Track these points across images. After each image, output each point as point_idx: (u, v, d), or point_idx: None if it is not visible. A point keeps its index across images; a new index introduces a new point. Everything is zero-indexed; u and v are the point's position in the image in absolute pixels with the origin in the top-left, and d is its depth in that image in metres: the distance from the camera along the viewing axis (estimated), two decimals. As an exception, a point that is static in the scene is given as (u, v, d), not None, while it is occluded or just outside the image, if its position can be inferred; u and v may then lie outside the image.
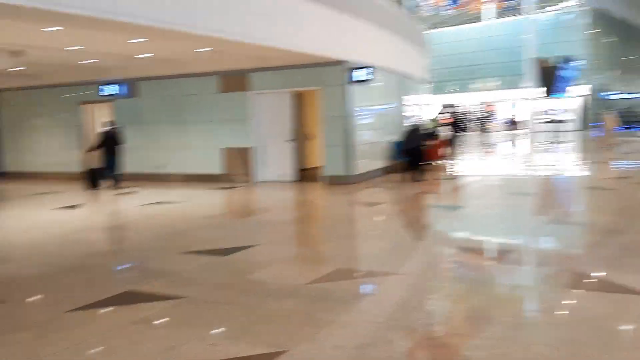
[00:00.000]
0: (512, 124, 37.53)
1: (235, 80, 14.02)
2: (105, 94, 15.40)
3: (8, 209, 11.09)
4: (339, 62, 12.66)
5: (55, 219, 9.44)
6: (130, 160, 15.51)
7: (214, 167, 14.45)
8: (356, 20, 13.02)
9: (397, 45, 16.57)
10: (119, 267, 6.09)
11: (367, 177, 13.59)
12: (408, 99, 18.06)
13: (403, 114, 17.39)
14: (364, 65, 12.99)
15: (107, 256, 6.70)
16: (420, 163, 13.02)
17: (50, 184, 14.79)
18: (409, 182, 12.70)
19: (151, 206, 10.51)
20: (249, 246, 6.75)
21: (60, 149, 16.42)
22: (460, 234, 7.71)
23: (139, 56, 12.72)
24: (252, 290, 5.02)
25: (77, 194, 12.86)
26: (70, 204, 10.88)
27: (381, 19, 14.97)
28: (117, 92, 15.34)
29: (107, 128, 14.17)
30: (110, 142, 13.84)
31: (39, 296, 5.08)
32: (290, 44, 10.86)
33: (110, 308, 4.69)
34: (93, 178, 13.70)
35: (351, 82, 12.91)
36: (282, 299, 4.73)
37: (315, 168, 14.89)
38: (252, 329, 4.08)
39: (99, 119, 16.92)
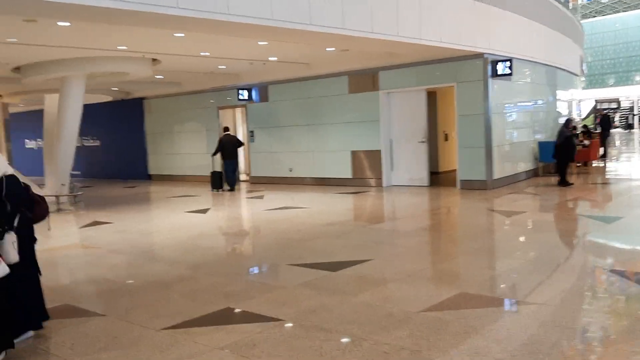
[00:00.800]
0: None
1: (364, 80, 13.46)
2: (241, 98, 15.65)
3: (142, 211, 11.52)
4: (477, 55, 11.57)
5: (183, 223, 9.54)
6: (261, 164, 15.65)
7: (343, 170, 14.02)
8: (498, 9, 11.82)
9: (547, 36, 14.94)
10: (227, 279, 5.76)
11: (508, 182, 12.33)
12: (561, 94, 16.30)
13: (556, 110, 15.70)
14: (506, 57, 11.76)
15: (219, 266, 6.44)
16: (570, 165, 11.45)
17: (188, 187, 15.33)
18: (558, 188, 11.25)
19: (276, 211, 10.28)
20: (364, 260, 6.12)
21: (199, 153, 16.99)
22: (619, 252, 6.43)
23: (270, 59, 12.65)
24: (356, 315, 4.38)
25: (209, 197, 13.11)
26: (200, 208, 11.02)
27: (529, 7, 13.51)
28: (250, 96, 15.52)
29: (225, 133, 14.48)
30: (228, 147, 14.14)
31: (139, 309, 4.86)
32: (421, 38, 10.04)
33: (204, 328, 4.32)
34: (217, 181, 14.16)
35: (491, 76, 11.75)
36: (389, 329, 4.03)
37: (450, 171, 13.87)
38: (346, 368, 3.45)
39: (236, 123, 17.33)
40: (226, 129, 14.75)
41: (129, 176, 19.11)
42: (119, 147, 19.77)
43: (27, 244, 3.86)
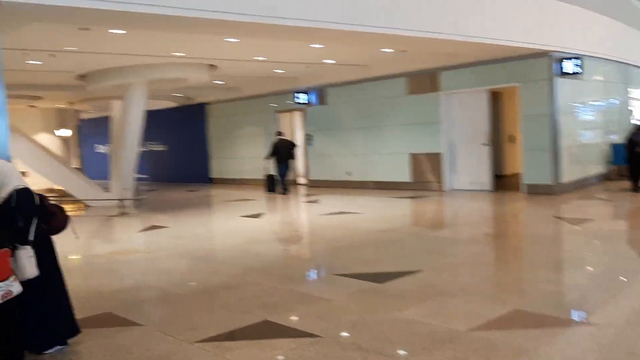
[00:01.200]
0: None
1: (424, 81, 13.07)
2: (298, 102, 15.59)
3: (199, 215, 11.59)
4: (543, 54, 10.95)
5: (236, 227, 9.51)
6: (319, 167, 15.51)
7: (402, 174, 13.66)
8: (565, 4, 11.14)
9: (619, 31, 14.01)
10: (270, 288, 5.61)
11: (577, 186, 11.61)
12: (635, 93, 15.27)
13: (629, 110, 14.72)
14: (574, 55, 11.08)
15: (264, 274, 6.30)
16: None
17: (247, 191, 15.42)
18: (631, 193, 10.46)
19: (330, 216, 10.10)
20: (414, 271, 5.81)
21: (258, 157, 17.05)
22: (699, 267, 5.82)
23: (325, 62, 12.50)
24: (397, 334, 4.10)
25: (264, 201, 13.10)
26: (255, 213, 10.98)
27: (598, 1, 12.69)
28: (308, 99, 15.42)
29: (279, 137, 14.59)
30: (281, 151, 14.19)
31: (178, 319, 4.78)
32: (482, 36, 9.58)
33: (237, 342, 4.17)
34: (271, 184, 14.34)
35: (558, 75, 11.10)
36: (431, 349, 3.74)
37: (515, 175, 13.23)
38: (380, 393, 3.19)
39: (295, 127, 17.29)
40: (279, 133, 14.86)
41: (193, 180, 19.47)
42: (183, 151, 20.19)
43: (44, 257, 3.83)
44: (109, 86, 12.60)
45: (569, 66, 11.05)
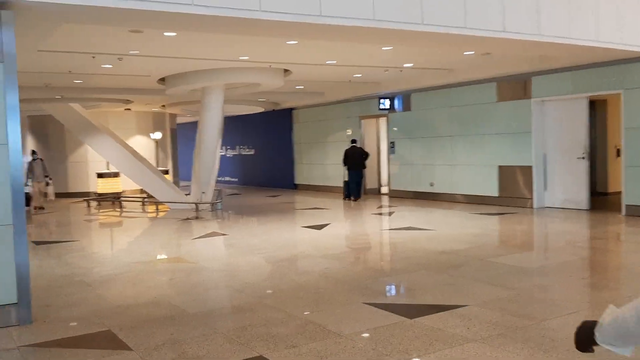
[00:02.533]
0: None
1: (514, 87, 11.92)
2: (382, 107, 14.93)
3: (264, 223, 11.22)
4: (650, 56, 9.51)
5: (293, 239, 9.07)
6: (402, 177, 14.74)
7: (489, 187, 12.56)
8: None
9: None
10: (286, 315, 5.05)
11: (692, 210, 9.97)
12: None
13: None
14: (691, 57, 9.51)
15: (288, 297, 5.73)
16: None
17: (326, 198, 15.03)
18: None
19: (397, 232, 9.37)
20: (456, 306, 5.01)
21: (340, 164, 16.56)
22: None
23: (405, 65, 11.77)
24: (398, 391, 3.39)
25: (339, 210, 12.57)
26: (319, 223, 10.47)
27: None
28: (392, 105, 14.71)
29: (352, 144, 14.57)
30: (353, 158, 14.15)
31: (173, 345, 4.35)
32: (577, 37, 8.40)
33: (217, 381, 3.66)
34: (347, 191, 14.47)
35: (669, 81, 9.60)
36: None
37: (618, 194, 11.70)
38: None
39: (379, 134, 16.62)
40: (353, 140, 14.76)
41: (278, 185, 19.37)
42: (271, 156, 20.18)
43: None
44: (186, 90, 12.66)
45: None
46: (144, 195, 15.55)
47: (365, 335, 4.42)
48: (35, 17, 5.60)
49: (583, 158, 10.97)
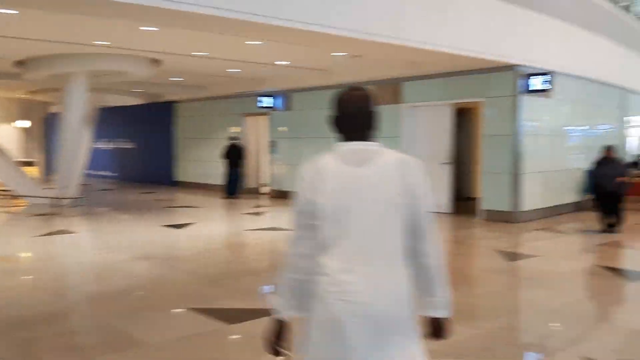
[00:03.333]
0: None
1: (387, 91, 12.04)
2: (263, 105, 14.64)
3: (123, 221, 10.60)
4: (507, 67, 9.93)
5: (144, 239, 8.53)
6: (284, 176, 14.54)
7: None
8: (535, 13, 10.10)
9: (612, 51, 12.90)
10: (99, 324, 4.63)
11: (541, 215, 10.54)
12: (631, 120, 14.20)
13: (625, 137, 13.66)
14: (544, 71, 10.03)
15: (113, 301, 5.31)
16: (616, 203, 9.34)
17: (205, 196, 14.60)
18: (600, 228, 9.27)
19: (259, 232, 9.12)
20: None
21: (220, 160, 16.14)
22: None
23: (279, 63, 11.59)
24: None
25: (212, 209, 12.20)
26: (182, 222, 10.01)
27: (585, 17, 11.59)
28: (273, 104, 14.48)
29: (232, 141, 14.39)
30: (232, 155, 14.09)
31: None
32: (443, 44, 8.57)
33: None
34: (227, 189, 14.26)
35: (524, 92, 10.07)
36: None
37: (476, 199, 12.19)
38: None
39: (261, 131, 16.34)
40: (233, 137, 14.59)
41: (157, 181, 18.52)
42: (150, 151, 19.25)
43: None
44: (45, 75, 11.72)
45: (537, 83, 10.01)
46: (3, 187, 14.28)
47: (176, 344, 4.11)
48: None
49: (447, 163, 11.29)
